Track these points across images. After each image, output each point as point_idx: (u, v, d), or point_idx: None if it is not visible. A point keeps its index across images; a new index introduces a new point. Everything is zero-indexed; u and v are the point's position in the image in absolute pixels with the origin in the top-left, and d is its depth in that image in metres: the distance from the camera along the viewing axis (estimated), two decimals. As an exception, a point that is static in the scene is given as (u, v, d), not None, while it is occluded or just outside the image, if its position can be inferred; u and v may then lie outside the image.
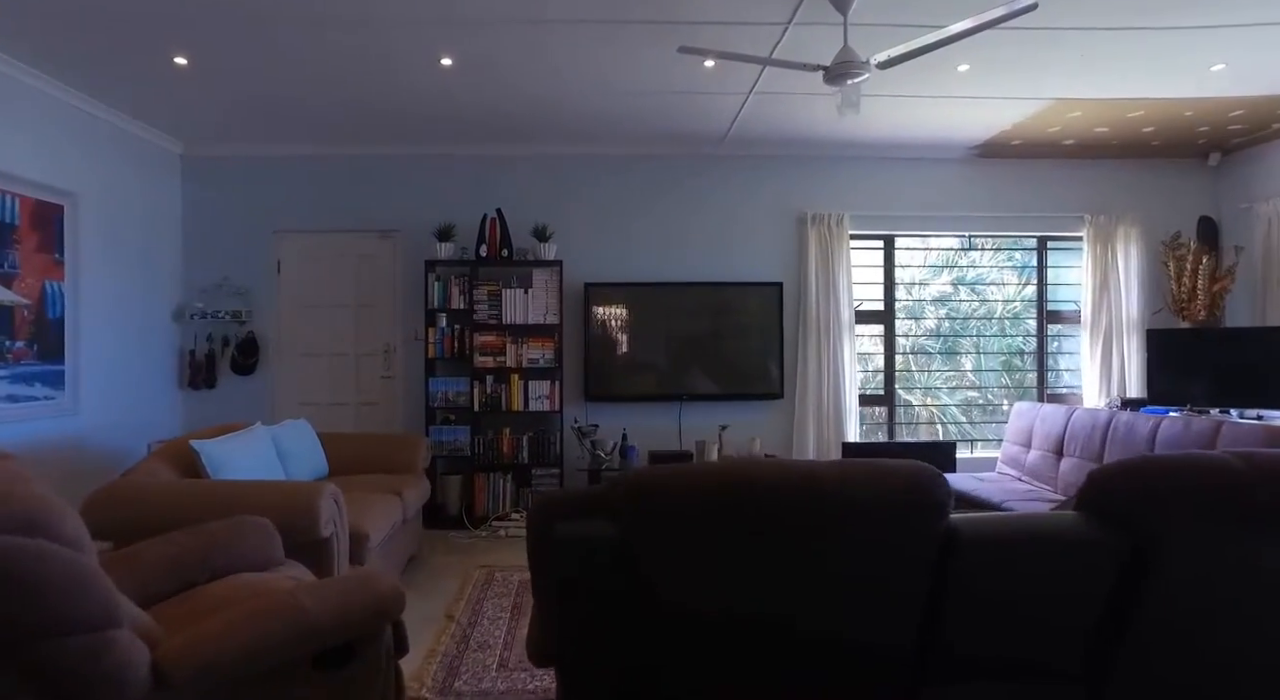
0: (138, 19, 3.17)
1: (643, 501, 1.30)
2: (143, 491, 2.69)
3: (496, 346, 4.90)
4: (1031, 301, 5.68)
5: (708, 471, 1.37)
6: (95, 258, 4.22)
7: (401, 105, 4.30)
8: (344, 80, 3.89)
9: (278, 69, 3.74)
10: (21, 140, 3.72)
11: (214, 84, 3.93)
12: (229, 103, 4.24)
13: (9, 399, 3.63)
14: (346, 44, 3.45)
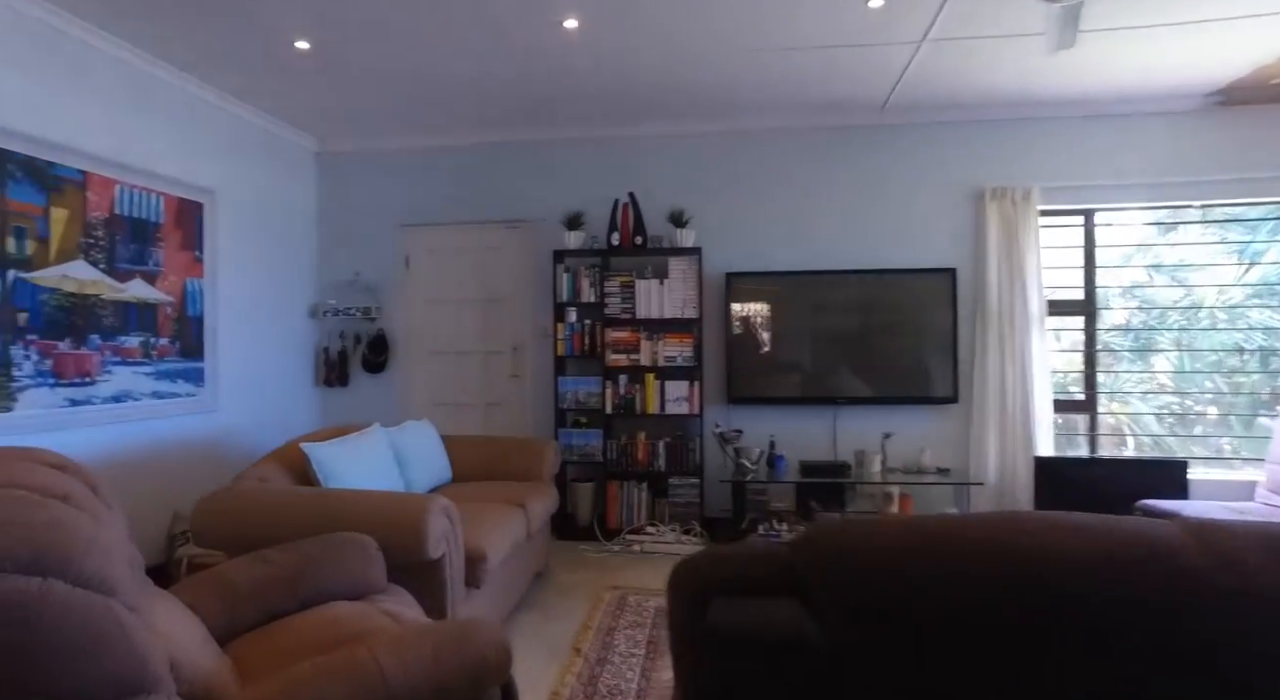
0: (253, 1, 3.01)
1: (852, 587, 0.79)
2: (245, 500, 2.47)
3: (630, 343, 4.49)
4: (1261, 286, 4.57)
5: (969, 543, 0.83)
6: (233, 255, 4.21)
7: (524, 82, 3.97)
8: (464, 54, 3.61)
9: (397, 45, 3.51)
10: (166, 139, 3.72)
11: (338, 71, 3.77)
12: (355, 93, 4.09)
13: (154, 395, 3.62)
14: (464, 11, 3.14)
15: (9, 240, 2.94)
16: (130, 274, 3.50)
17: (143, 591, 1.64)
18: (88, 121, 3.29)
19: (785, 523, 4.21)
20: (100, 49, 3.34)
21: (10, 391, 2.94)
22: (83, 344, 3.25)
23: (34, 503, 1.24)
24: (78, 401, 3.21)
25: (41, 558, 1.16)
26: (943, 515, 0.92)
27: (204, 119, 4.00)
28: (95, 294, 3.31)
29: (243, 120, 4.31)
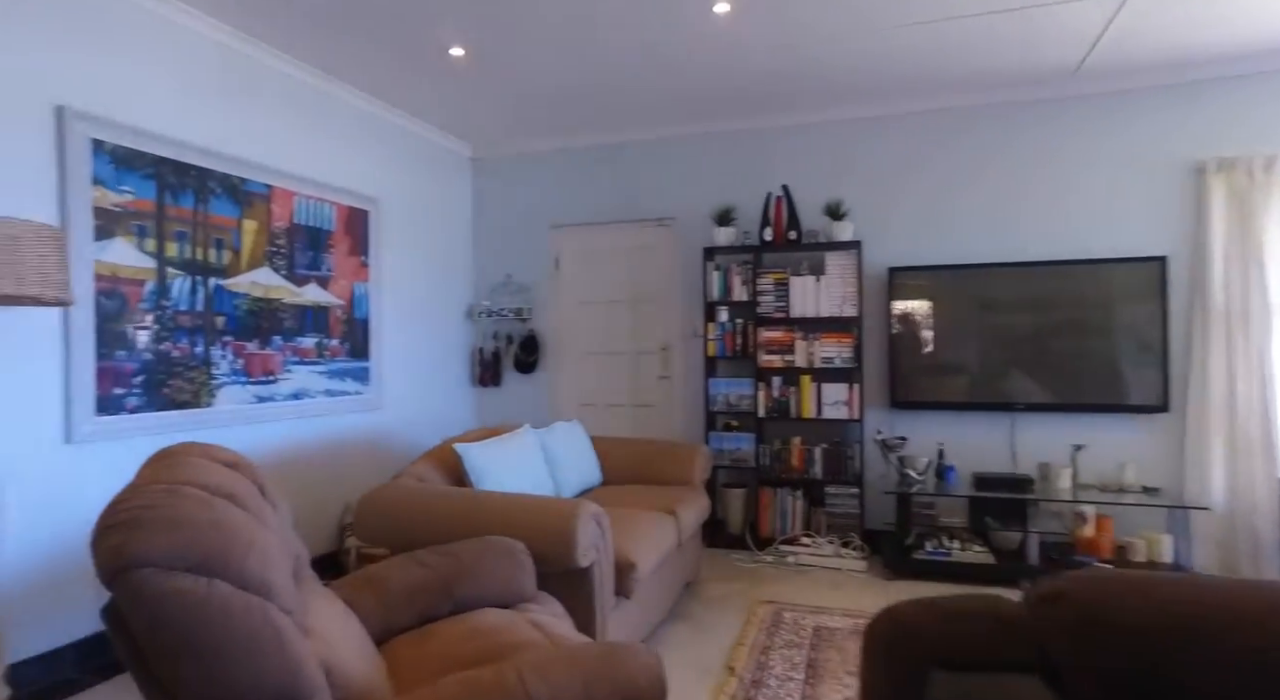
0: (407, 9, 3.09)
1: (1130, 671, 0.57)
2: (401, 499, 2.51)
3: (784, 343, 4.26)
4: None
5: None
6: (395, 259, 4.41)
7: (673, 76, 3.85)
8: (613, 50, 3.54)
9: (546, 45, 3.50)
10: (337, 151, 3.95)
11: (491, 76, 3.84)
12: (507, 97, 4.15)
13: (327, 393, 3.85)
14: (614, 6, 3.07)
15: (210, 251, 3.21)
16: (306, 279, 3.74)
17: (305, 589, 1.66)
18: (272, 139, 3.53)
19: (957, 540, 3.81)
20: (278, 70, 3.59)
21: (211, 388, 3.20)
22: (267, 345, 3.49)
23: (204, 502, 1.25)
24: (263, 398, 3.46)
25: (209, 558, 1.16)
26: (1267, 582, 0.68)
27: (370, 131, 4.21)
28: (277, 298, 3.55)
29: (404, 130, 4.51)
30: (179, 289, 3.08)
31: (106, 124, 2.80)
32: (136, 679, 1.19)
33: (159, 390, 3.00)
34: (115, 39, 2.86)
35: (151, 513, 1.15)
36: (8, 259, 2.16)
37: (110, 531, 1.13)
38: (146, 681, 1.19)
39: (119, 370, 2.85)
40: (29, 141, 2.59)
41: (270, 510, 1.49)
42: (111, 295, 2.83)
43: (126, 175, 2.88)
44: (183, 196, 3.10)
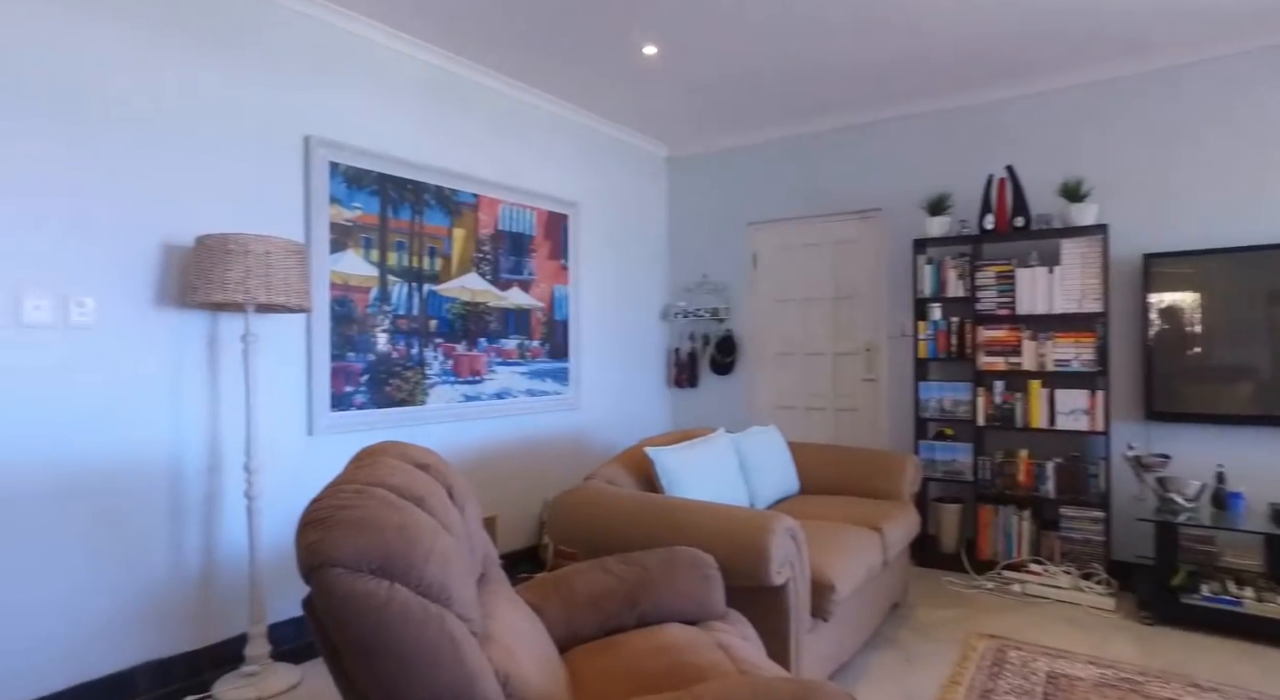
0: (601, 12, 3.10)
1: None
2: (591, 501, 2.50)
3: (1009, 343, 3.77)
4: None
5: None
6: (593, 262, 4.51)
7: (872, 53, 3.54)
8: (808, 33, 3.32)
9: (739, 35, 3.36)
10: (538, 158, 4.10)
11: (685, 72, 3.77)
12: (701, 92, 4.07)
13: (528, 393, 4.01)
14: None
15: (425, 259, 3.45)
16: (509, 283, 3.91)
17: (491, 592, 1.67)
18: (479, 150, 3.74)
19: (1250, 587, 3.11)
20: (483, 85, 3.78)
21: (424, 387, 3.44)
22: (474, 346, 3.70)
23: (392, 505, 1.27)
24: (470, 397, 3.67)
25: (391, 562, 1.17)
26: None
27: (569, 137, 4.33)
28: (483, 302, 3.75)
29: (601, 134, 4.59)
30: (398, 295, 3.34)
31: (341, 148, 3.10)
32: (331, 671, 1.23)
33: (381, 389, 3.27)
34: (348, 71, 3.15)
35: (343, 513, 1.18)
36: (262, 272, 2.43)
37: (308, 529, 1.17)
38: (338, 675, 1.23)
39: (349, 370, 3.14)
40: (285, 169, 2.92)
41: (457, 514, 1.50)
42: (343, 302, 3.13)
43: (356, 193, 3.17)
44: (401, 209, 3.36)
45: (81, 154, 2.40)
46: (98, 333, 2.43)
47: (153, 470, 2.55)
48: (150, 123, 2.55)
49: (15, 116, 2.26)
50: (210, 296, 2.40)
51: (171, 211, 2.60)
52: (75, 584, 2.37)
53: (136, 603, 2.51)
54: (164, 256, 2.58)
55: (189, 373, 2.65)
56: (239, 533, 2.78)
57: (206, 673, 2.66)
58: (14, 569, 2.25)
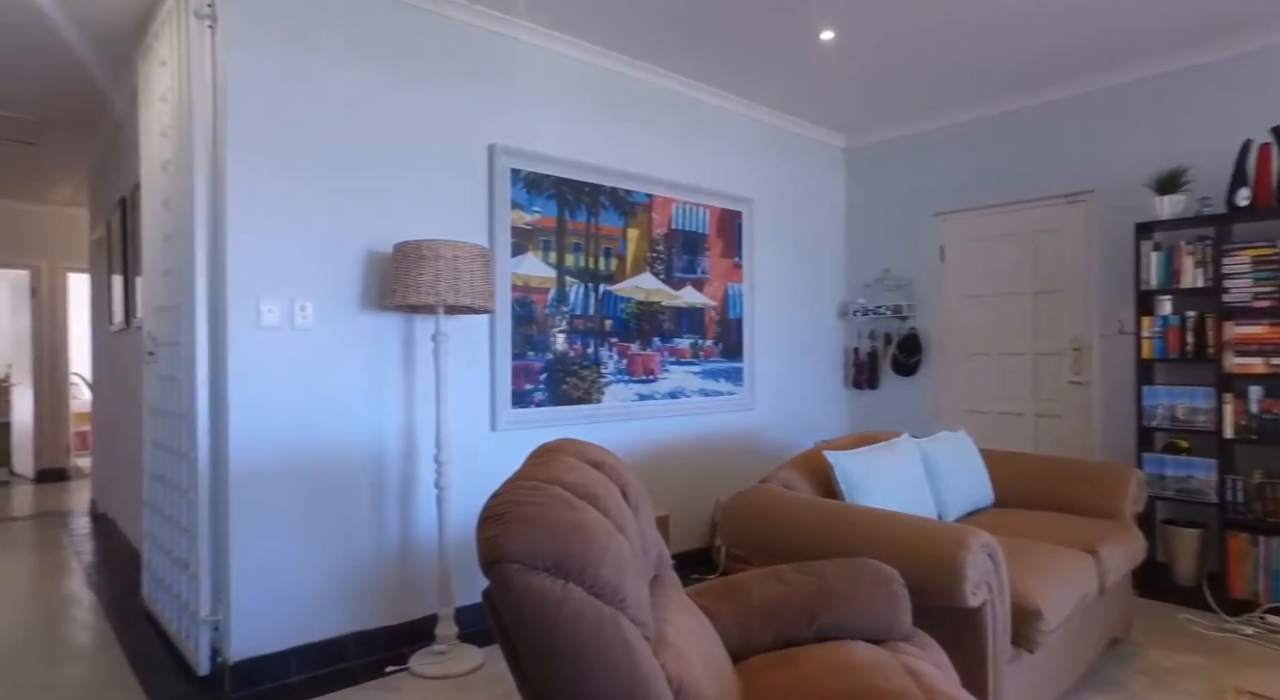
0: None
1: None
2: (766, 504, 2.40)
3: (1269, 342, 3.19)
4: None
5: None
6: (767, 259, 4.39)
7: (1085, 9, 3.13)
8: None
9: (925, 10, 3.11)
10: (711, 156, 4.06)
11: (863, 56, 3.56)
12: (881, 76, 3.83)
13: (701, 393, 3.98)
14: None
15: (600, 260, 3.53)
16: (683, 282, 3.90)
17: (664, 595, 1.64)
18: (652, 150, 3.76)
19: None
20: (657, 85, 3.80)
21: (600, 386, 3.52)
22: (648, 346, 3.73)
23: (567, 503, 1.27)
24: (644, 396, 3.70)
25: (566, 560, 1.17)
26: None
27: (742, 132, 4.25)
28: (657, 301, 3.77)
29: (775, 128, 4.46)
30: (575, 295, 3.44)
31: (521, 154, 3.24)
32: (508, 661, 1.26)
33: (559, 387, 3.37)
34: (527, 80, 3.29)
35: (520, 509, 1.19)
36: (451, 275, 2.58)
37: (487, 523, 1.20)
38: (515, 666, 1.25)
39: (529, 369, 3.28)
40: (471, 178, 3.11)
41: (630, 515, 1.48)
42: (523, 303, 3.26)
43: (536, 197, 3.30)
44: (578, 212, 3.45)
45: (304, 177, 2.68)
46: (315, 334, 2.70)
47: (358, 456, 2.80)
48: (358, 145, 2.80)
49: (261, 150, 2.57)
50: (406, 299, 2.59)
51: (374, 223, 2.84)
52: (300, 554, 2.65)
53: (346, 576, 2.76)
54: (367, 264, 2.83)
55: (387, 369, 2.88)
56: (429, 519, 2.98)
57: (404, 646, 2.88)
58: (256, 537, 2.56)
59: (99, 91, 4.09)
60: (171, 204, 2.90)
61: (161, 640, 2.98)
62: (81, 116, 4.56)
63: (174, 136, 2.84)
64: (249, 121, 2.56)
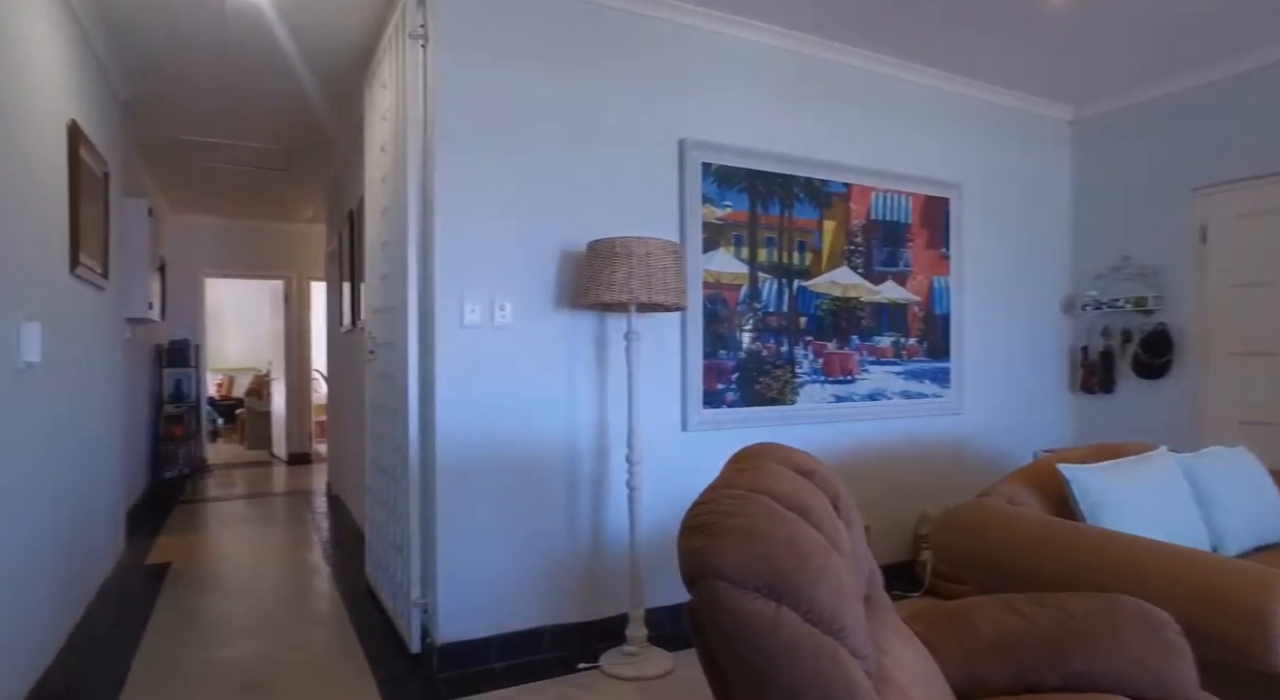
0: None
1: None
2: (989, 522, 2.12)
3: None
4: None
5: None
6: (978, 249, 3.97)
7: None
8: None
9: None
10: (913, 139, 3.74)
11: (1100, 13, 3.09)
12: (1125, 31, 3.30)
13: (903, 395, 3.68)
14: None
15: (794, 254, 3.36)
16: (883, 276, 3.62)
17: (879, 621, 1.46)
18: (849, 136, 3.52)
19: None
20: (853, 67, 3.54)
21: (794, 386, 3.35)
22: (845, 344, 3.49)
23: (777, 515, 1.14)
24: (841, 398, 3.47)
25: (779, 581, 1.04)
26: None
27: (947, 111, 3.87)
28: (855, 297, 3.52)
29: (987, 104, 4.02)
30: (768, 292, 3.29)
31: (711, 147, 3.15)
32: (708, 676, 1.16)
33: (751, 387, 3.24)
34: (716, 71, 3.19)
35: (728, 521, 1.09)
36: (644, 272, 2.55)
37: (692, 534, 1.10)
38: (715, 682, 1.14)
39: (720, 368, 3.18)
40: (662, 174, 3.07)
41: (843, 529, 1.33)
42: (715, 300, 3.17)
43: (727, 191, 3.19)
44: (770, 204, 3.30)
45: (502, 179, 2.77)
46: (513, 332, 2.78)
47: (553, 453, 2.85)
48: (552, 146, 2.86)
49: (463, 156, 2.69)
50: (599, 297, 2.58)
51: (567, 222, 2.88)
52: (500, 545, 2.75)
53: (541, 570, 2.82)
54: (561, 263, 2.87)
55: (580, 368, 2.91)
56: (620, 518, 2.98)
57: (595, 643, 2.89)
58: (460, 527, 2.68)
59: (333, 119, 4.57)
60: (388, 213, 3.13)
61: (381, 615, 3.23)
62: (321, 143, 5.12)
63: (391, 150, 3.06)
64: (453, 130, 2.69)
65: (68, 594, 2.85)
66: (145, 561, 4.15)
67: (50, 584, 2.62)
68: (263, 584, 3.72)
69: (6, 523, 2.12)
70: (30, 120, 2.38)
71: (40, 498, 2.47)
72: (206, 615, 3.26)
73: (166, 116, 4.58)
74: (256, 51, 3.59)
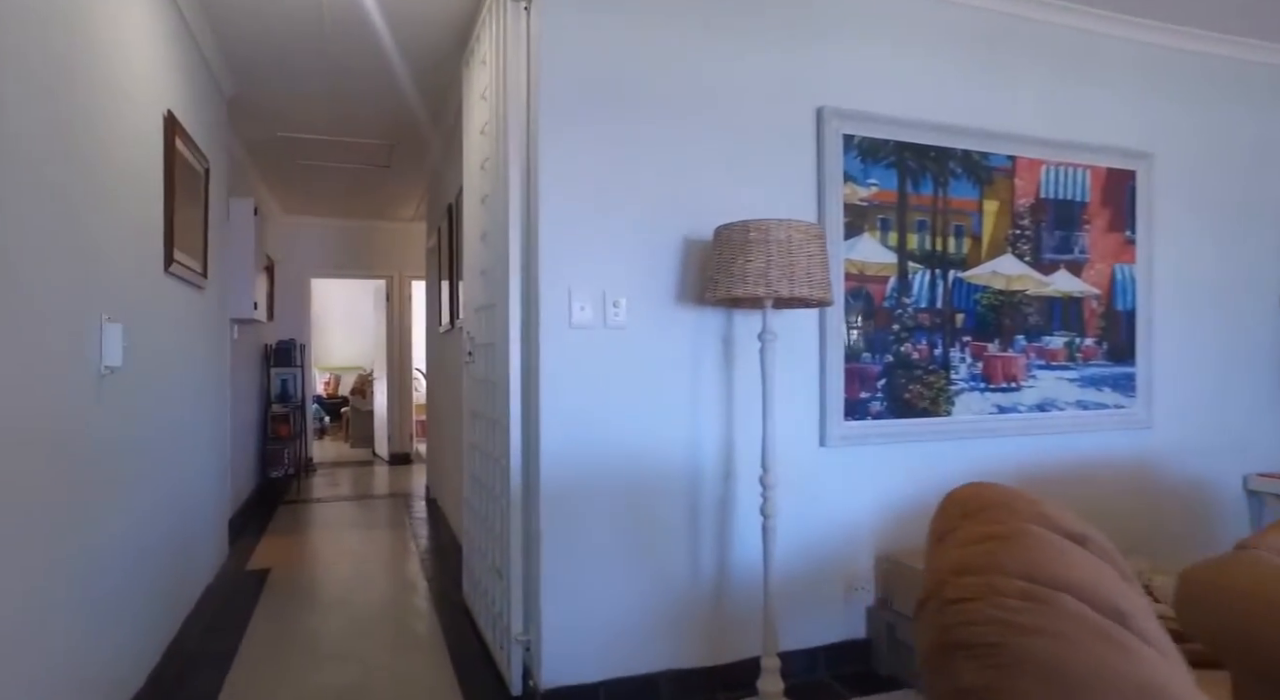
0: None
1: None
2: (1254, 585, 1.58)
3: None
4: None
5: None
6: (1171, 232, 3.31)
7: None
8: None
9: None
10: (1095, 101, 3.14)
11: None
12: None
13: (1078, 404, 3.10)
14: None
15: (949, 240, 2.86)
16: (1054, 265, 3.05)
17: None
18: (1018, 101, 2.98)
19: None
20: (1029, 18, 3.00)
21: (949, 394, 2.85)
22: (1009, 346, 2.95)
23: (1101, 634, 0.72)
24: (1004, 408, 2.93)
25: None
26: None
27: (1139, 66, 3.24)
28: (1020, 290, 2.98)
29: (1190, 54, 3.35)
30: (919, 284, 2.81)
31: (854, 117, 2.70)
32: None
33: (899, 395, 2.77)
34: (862, 28, 2.74)
35: (1025, 642, 0.67)
36: (784, 261, 2.13)
37: (961, 658, 0.69)
38: None
39: (864, 373, 2.72)
40: (796, 148, 2.64)
41: (1163, 635, 0.88)
42: (858, 294, 2.72)
43: (871, 168, 2.73)
44: (922, 183, 2.81)
45: (613, 157, 2.42)
46: (629, 333, 2.42)
47: (672, 472, 2.48)
48: (668, 119, 2.48)
49: (570, 130, 2.36)
50: (730, 291, 2.19)
51: (686, 205, 2.50)
52: (612, 577, 2.40)
53: (658, 606, 2.45)
54: (682, 252, 2.49)
55: (704, 374, 2.52)
56: (748, 549, 2.57)
57: (719, 693, 2.50)
58: (567, 555, 2.35)
59: (431, 113, 4.37)
60: (488, 201, 2.84)
61: (479, 643, 2.95)
62: (419, 139, 4.96)
63: (491, 131, 2.76)
64: (559, 103, 2.36)
65: (165, 608, 2.71)
66: (247, 566, 4.07)
67: (146, 600, 2.46)
68: (360, 597, 3.53)
69: (99, 541, 1.94)
70: (122, 107, 2.20)
71: (136, 510, 2.31)
72: (302, 631, 3.08)
73: (270, 114, 4.51)
74: (354, 42, 3.41)
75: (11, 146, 1.52)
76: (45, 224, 1.68)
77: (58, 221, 1.75)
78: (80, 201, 1.90)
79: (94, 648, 1.99)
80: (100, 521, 2.05)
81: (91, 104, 1.98)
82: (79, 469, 1.90)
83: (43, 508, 1.68)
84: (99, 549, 2.04)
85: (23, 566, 1.57)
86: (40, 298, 1.65)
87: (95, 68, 2.02)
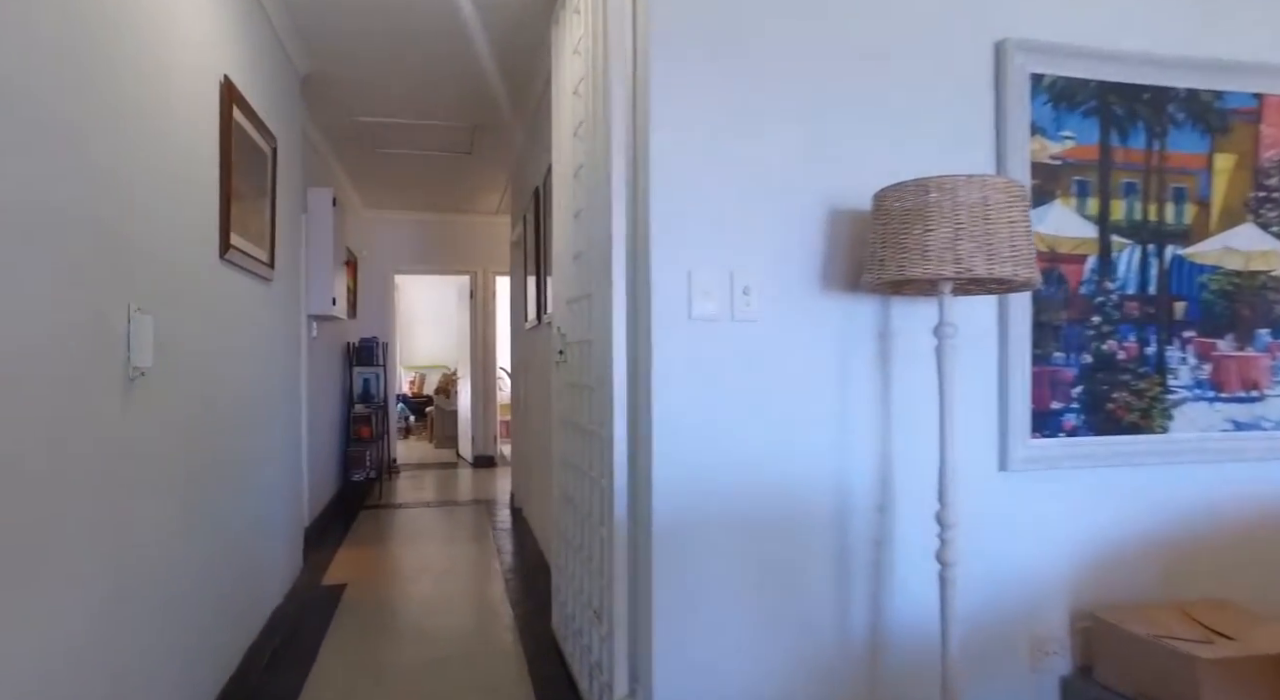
0: None
1: None
2: None
3: None
4: None
5: None
6: None
7: None
8: None
9: None
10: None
11: None
12: None
13: None
14: None
15: (1166, 208, 2.22)
16: (1304, 239, 2.36)
17: None
18: (1258, 19, 2.30)
19: None
20: (1268, -83, 2.32)
21: (1166, 405, 2.21)
22: (1248, 343, 2.29)
23: None
24: (1241, 424, 2.27)
25: None
26: None
27: None
28: (1265, 270, 2.30)
29: None
30: (1125, 264, 2.19)
31: (1045, 51, 2.11)
32: None
33: (1100, 405, 2.16)
34: (1054, -65, 2.14)
35: None
36: (978, 230, 1.59)
37: None
38: None
39: (1055, 378, 2.13)
40: (967, 92, 2.08)
41: None
42: (1047, 277, 2.13)
43: (1066, 116, 2.13)
44: (1132, 133, 2.19)
45: (739, 109, 1.92)
46: (762, 327, 1.92)
47: (816, 501, 1.96)
48: (815, 61, 1.97)
49: (687, 77, 1.88)
50: (902, 271, 1.66)
51: (829, 167, 1.98)
52: (740, 632, 1.91)
53: (799, 668, 1.94)
54: (826, 225, 1.97)
55: (856, 378, 1.99)
56: (911, 599, 2.03)
57: (877, 783, 1.97)
58: (683, 602, 1.87)
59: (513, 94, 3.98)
60: (582, 173, 2.39)
61: (571, 690, 2.51)
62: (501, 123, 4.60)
63: (587, 88, 2.31)
64: (671, 43, 1.88)
65: (226, 636, 2.38)
66: (322, 581, 3.78)
67: (203, 632, 2.13)
68: (439, 624, 3.16)
69: (143, 574, 1.60)
70: (163, 58, 1.86)
71: (190, 536, 1.97)
72: (373, 667, 2.72)
73: (346, 96, 4.23)
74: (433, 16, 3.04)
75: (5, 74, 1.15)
76: (54, 178, 1.32)
77: (69, 182, 1.39)
78: (103, 160, 1.54)
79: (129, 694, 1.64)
80: (133, 547, 1.70)
81: (118, 38, 1.63)
82: (98, 480, 1.54)
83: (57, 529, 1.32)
84: (151, 590, 1.69)
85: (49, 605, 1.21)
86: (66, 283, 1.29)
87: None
